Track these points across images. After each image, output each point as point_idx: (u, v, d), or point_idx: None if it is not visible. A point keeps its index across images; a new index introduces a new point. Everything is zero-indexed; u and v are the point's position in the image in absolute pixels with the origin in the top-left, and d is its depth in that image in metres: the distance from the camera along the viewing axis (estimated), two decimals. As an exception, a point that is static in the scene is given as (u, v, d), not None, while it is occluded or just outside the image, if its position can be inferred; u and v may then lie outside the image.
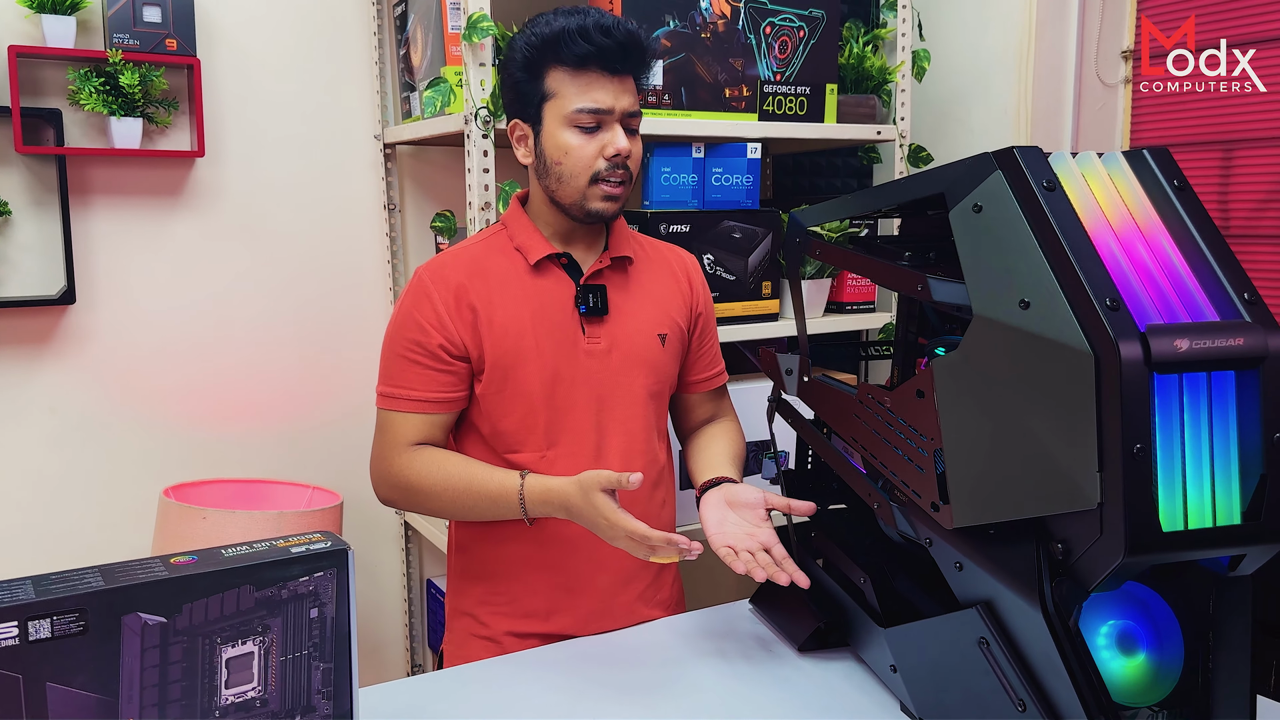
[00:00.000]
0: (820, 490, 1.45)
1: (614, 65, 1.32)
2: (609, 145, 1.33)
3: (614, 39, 1.30)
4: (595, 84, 1.32)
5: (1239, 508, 0.89)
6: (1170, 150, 1.03)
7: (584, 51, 1.30)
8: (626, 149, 1.33)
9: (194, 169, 1.97)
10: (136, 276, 1.95)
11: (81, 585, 0.82)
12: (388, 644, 2.27)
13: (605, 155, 1.33)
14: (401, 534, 2.26)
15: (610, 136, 1.33)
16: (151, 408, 1.97)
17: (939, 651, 1.09)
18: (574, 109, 1.32)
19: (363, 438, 2.20)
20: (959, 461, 1.02)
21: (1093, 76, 2.35)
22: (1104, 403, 0.87)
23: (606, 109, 1.32)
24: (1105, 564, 0.88)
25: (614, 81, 1.33)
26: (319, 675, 0.93)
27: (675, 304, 1.48)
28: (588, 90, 1.32)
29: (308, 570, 0.91)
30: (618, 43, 1.31)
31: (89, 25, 1.83)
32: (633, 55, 1.33)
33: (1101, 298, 0.88)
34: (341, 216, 2.12)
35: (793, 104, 2.03)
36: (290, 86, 2.04)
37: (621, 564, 1.42)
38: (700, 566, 2.32)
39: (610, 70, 1.32)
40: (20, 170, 1.83)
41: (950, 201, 1.04)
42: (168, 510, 1.72)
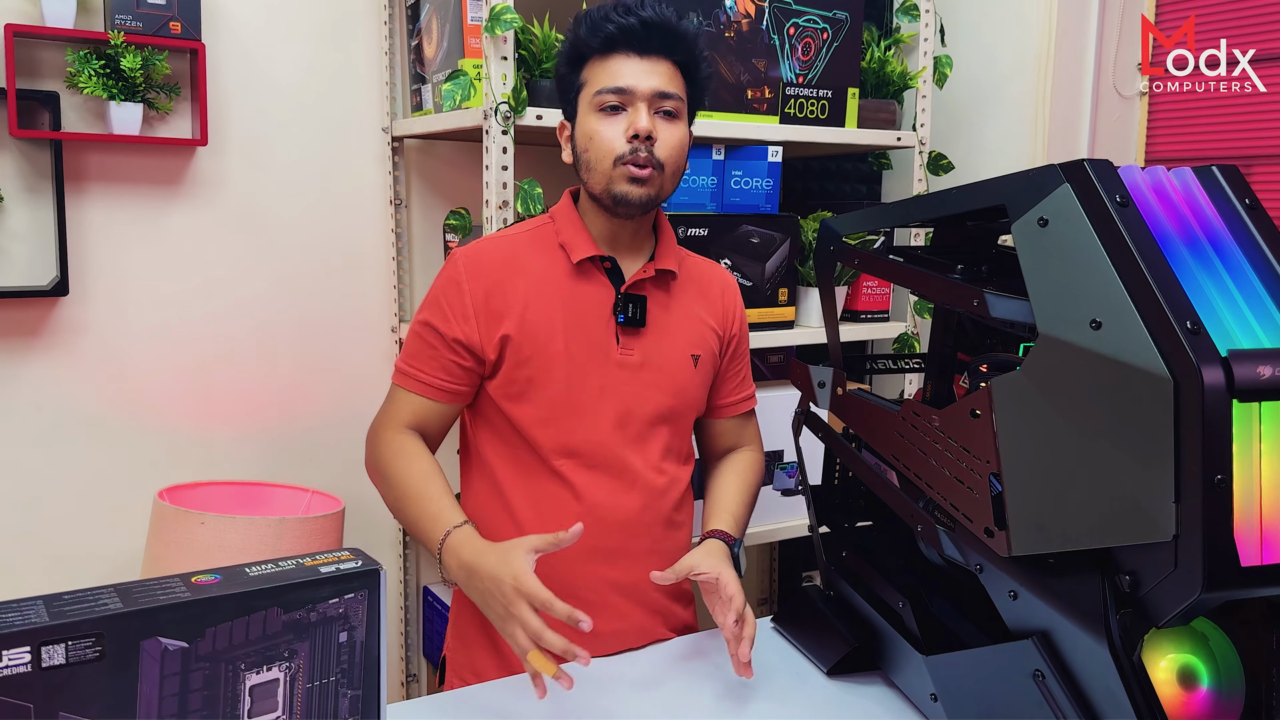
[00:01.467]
0: (847, 506, 1.41)
1: (641, 46, 1.28)
2: (630, 126, 1.28)
3: (636, 16, 1.27)
4: (620, 64, 1.29)
5: (1318, 543, 0.85)
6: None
7: (607, 32, 1.27)
8: (646, 128, 1.27)
9: (195, 158, 1.91)
10: (132, 268, 1.88)
11: (99, 607, 0.76)
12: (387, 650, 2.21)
13: (626, 136, 1.28)
14: (400, 539, 2.19)
15: (633, 116, 1.28)
16: (145, 405, 1.90)
17: (987, 682, 1.05)
18: (596, 91, 1.29)
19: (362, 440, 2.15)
20: (1019, 487, 0.97)
21: (1109, 88, 2.32)
22: (1183, 431, 0.83)
23: (628, 88, 1.28)
24: (1180, 599, 0.84)
25: (642, 62, 1.28)
26: (346, 703, 0.87)
27: (712, 324, 1.44)
28: (612, 72, 1.29)
29: (338, 592, 0.86)
30: (641, 21, 1.27)
31: (90, 6, 1.75)
32: (660, 34, 1.29)
33: (1182, 320, 0.84)
34: (346, 211, 2.06)
35: (814, 107, 1.99)
36: (297, 75, 1.98)
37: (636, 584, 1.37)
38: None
39: (638, 51, 1.28)
40: (14, 155, 1.76)
41: (1013, 214, 1.00)
42: (162, 513, 1.65)
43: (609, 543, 1.35)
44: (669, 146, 1.30)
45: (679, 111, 1.32)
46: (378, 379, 2.09)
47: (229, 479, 1.91)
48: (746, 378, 1.53)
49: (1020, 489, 0.97)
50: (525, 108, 1.62)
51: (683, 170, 1.36)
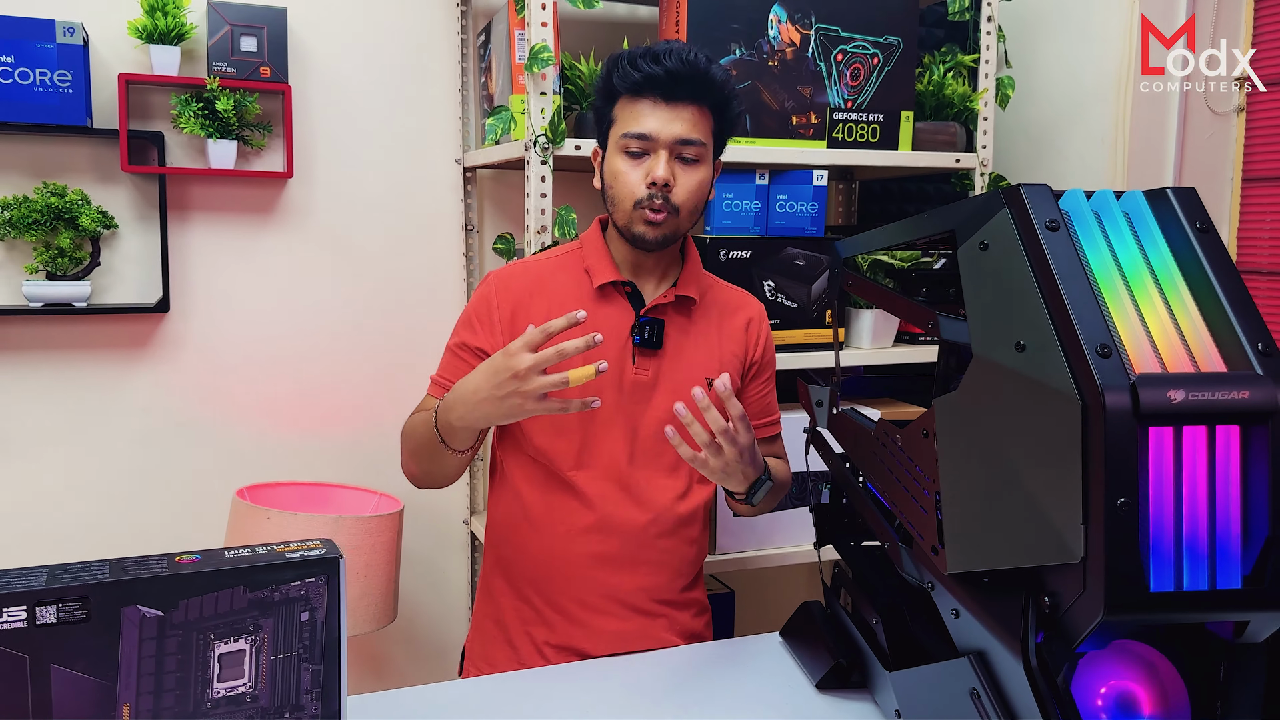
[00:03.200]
0: (854, 526, 1.43)
1: (668, 93, 1.33)
2: (649, 173, 1.35)
3: (662, 66, 1.32)
4: (646, 110, 1.34)
5: (1239, 571, 0.84)
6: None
7: (634, 79, 1.33)
8: (664, 178, 1.33)
9: (285, 188, 2.10)
10: (227, 288, 2.08)
11: (88, 576, 0.89)
12: (451, 649, 2.33)
13: (645, 182, 1.35)
14: (468, 542, 2.32)
15: (653, 164, 1.34)
16: (233, 412, 2.09)
17: (938, 699, 1.06)
18: (622, 134, 1.35)
19: (430, 449, 2.27)
20: (953, 504, 0.99)
21: (1201, 105, 2.24)
22: (1089, 453, 0.83)
23: (651, 135, 1.34)
24: (1086, 621, 0.85)
25: (668, 109, 1.33)
26: (308, 676, 0.97)
27: (732, 350, 1.48)
28: (637, 116, 1.34)
29: (300, 575, 0.96)
30: (666, 70, 1.32)
31: (192, 54, 1.97)
32: (687, 83, 1.33)
33: (1093, 343, 0.85)
34: (422, 236, 2.21)
35: (864, 131, 2.01)
36: (376, 111, 2.15)
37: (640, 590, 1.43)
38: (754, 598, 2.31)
39: (665, 98, 1.33)
40: (127, 188, 1.99)
41: (960, 238, 1.02)
42: (238, 510, 1.83)
43: (616, 551, 1.42)
44: (686, 191, 1.36)
45: (701, 156, 1.37)
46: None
47: (304, 480, 2.08)
48: (769, 405, 1.56)
49: (955, 507, 0.99)
50: (564, 139, 1.72)
51: (702, 206, 1.41)
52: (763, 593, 2.42)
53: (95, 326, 2.00)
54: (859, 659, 1.27)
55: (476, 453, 1.40)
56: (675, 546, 1.46)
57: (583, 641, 1.43)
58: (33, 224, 1.84)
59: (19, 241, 1.90)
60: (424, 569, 2.29)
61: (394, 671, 2.30)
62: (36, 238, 1.87)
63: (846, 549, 1.39)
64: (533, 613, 1.45)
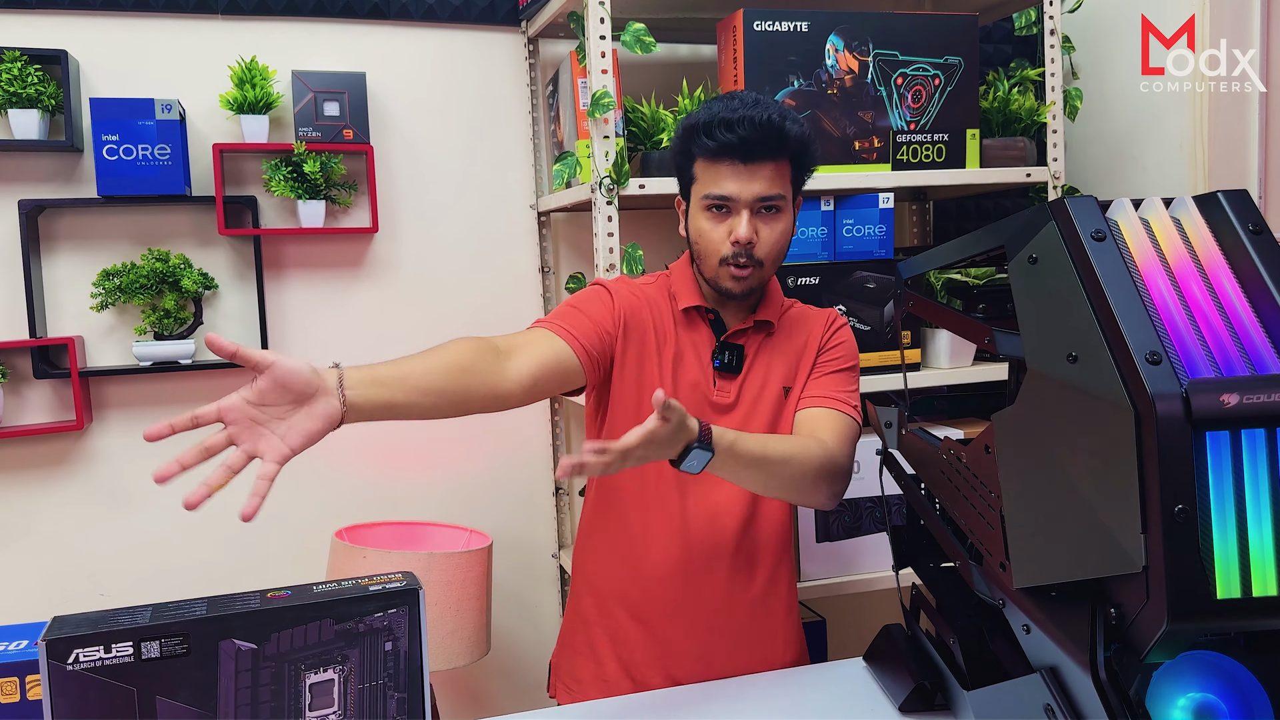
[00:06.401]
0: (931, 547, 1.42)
1: (744, 155, 1.35)
2: (733, 232, 1.38)
3: (736, 134, 1.33)
4: (725, 173, 1.37)
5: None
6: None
7: (711, 147, 1.36)
8: (746, 238, 1.36)
9: (371, 243, 2.20)
10: (321, 339, 2.18)
11: (188, 613, 0.96)
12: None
13: (729, 240, 1.38)
14: (557, 576, 2.37)
15: (735, 223, 1.37)
16: (333, 456, 2.19)
17: (1015, 716, 1.05)
18: (704, 195, 1.39)
19: (518, 485, 2.34)
20: (1017, 518, 0.99)
21: (1280, 108, 2.17)
22: (1144, 461, 0.83)
23: (731, 197, 1.36)
24: (1152, 631, 0.84)
25: (745, 170, 1.35)
26: (394, 703, 1.03)
27: (804, 358, 1.50)
28: (717, 179, 1.37)
29: (382, 607, 1.01)
30: (740, 138, 1.33)
31: (280, 121, 2.09)
32: (762, 146, 1.35)
33: (1143, 351, 0.85)
34: (501, 280, 2.29)
35: (929, 151, 2.01)
36: (454, 163, 2.24)
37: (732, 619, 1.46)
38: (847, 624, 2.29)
39: (742, 160, 1.35)
40: (225, 250, 2.12)
41: (1010, 253, 1.03)
42: (337, 549, 1.91)
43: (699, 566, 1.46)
44: (769, 244, 1.39)
45: (782, 206, 1.39)
46: (531, 430, 2.30)
47: (398, 519, 2.16)
48: (833, 384, 1.49)
49: (1019, 521, 0.99)
50: (628, 179, 1.77)
51: (786, 250, 1.44)
52: (855, 618, 2.40)
53: (200, 381, 2.12)
54: (940, 680, 1.26)
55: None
56: (747, 588, 1.48)
57: (668, 661, 1.46)
58: (140, 289, 1.98)
59: (129, 305, 2.04)
60: (515, 603, 2.35)
61: (490, 704, 2.35)
62: (144, 301, 2.01)
63: (924, 570, 1.38)
64: (619, 628, 1.49)
